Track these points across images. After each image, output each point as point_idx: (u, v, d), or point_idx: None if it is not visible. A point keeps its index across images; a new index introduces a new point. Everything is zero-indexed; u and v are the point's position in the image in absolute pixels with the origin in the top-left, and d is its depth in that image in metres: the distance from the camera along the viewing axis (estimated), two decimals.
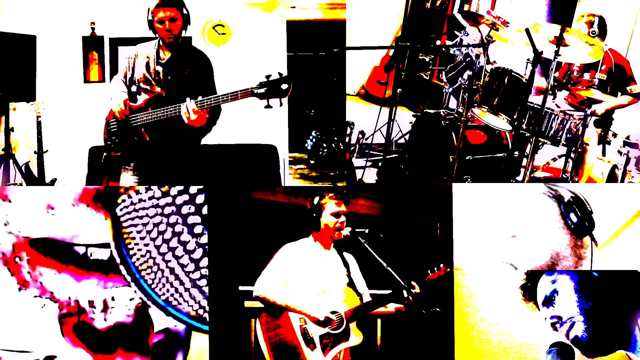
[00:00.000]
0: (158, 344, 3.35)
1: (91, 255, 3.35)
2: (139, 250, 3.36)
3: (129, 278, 3.35)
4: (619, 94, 4.38)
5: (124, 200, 3.39)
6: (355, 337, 3.18)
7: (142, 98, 3.53)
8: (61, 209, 3.36)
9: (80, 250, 3.36)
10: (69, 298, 3.33)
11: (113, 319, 3.33)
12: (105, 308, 3.34)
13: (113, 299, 3.35)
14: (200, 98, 3.33)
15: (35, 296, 3.34)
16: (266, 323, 3.18)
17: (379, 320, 3.42)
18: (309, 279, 3.20)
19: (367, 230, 3.26)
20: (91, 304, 3.34)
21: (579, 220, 2.62)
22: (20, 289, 3.35)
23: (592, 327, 2.50)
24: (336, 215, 3.25)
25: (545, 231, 2.65)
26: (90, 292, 3.34)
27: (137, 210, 3.38)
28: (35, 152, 4.74)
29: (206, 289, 3.33)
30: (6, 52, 4.55)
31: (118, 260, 3.35)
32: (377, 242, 3.25)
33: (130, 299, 3.35)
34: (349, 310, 3.16)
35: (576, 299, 2.54)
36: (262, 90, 3.31)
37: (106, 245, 3.37)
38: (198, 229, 3.34)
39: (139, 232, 3.36)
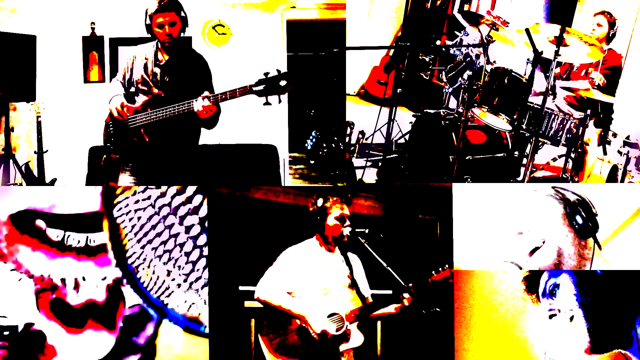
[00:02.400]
0: (130, 316, 3.37)
1: (66, 241, 3.37)
2: (135, 252, 3.37)
3: (125, 280, 3.36)
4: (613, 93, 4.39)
5: (124, 199, 3.39)
6: (356, 339, 3.17)
7: (141, 99, 3.53)
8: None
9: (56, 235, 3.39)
10: (42, 275, 3.37)
11: (85, 297, 3.36)
12: (76, 286, 3.36)
13: (84, 278, 3.37)
14: (205, 94, 3.35)
15: (11, 270, 3.36)
16: (267, 327, 3.18)
17: (378, 321, 3.42)
18: (311, 281, 3.20)
19: (367, 230, 3.26)
20: (63, 282, 3.36)
21: (584, 222, 2.63)
22: None
23: (591, 323, 2.50)
24: (341, 219, 3.25)
25: (550, 231, 2.66)
26: (64, 270, 3.37)
27: (134, 210, 3.39)
28: (35, 152, 4.74)
29: (202, 291, 3.34)
30: (6, 52, 4.55)
31: (114, 262, 3.37)
32: (377, 242, 3.25)
33: (103, 278, 3.37)
34: (350, 312, 3.15)
35: (576, 295, 2.54)
36: (260, 88, 3.31)
37: (87, 217, 3.38)
38: (196, 230, 3.35)
39: (135, 233, 3.37)
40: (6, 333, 3.34)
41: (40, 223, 3.37)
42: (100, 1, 4.91)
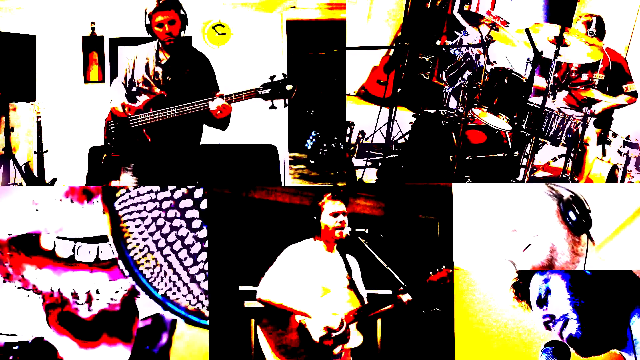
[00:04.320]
0: (144, 328, 3.37)
1: (77, 254, 3.37)
2: (137, 244, 3.36)
3: (127, 272, 3.36)
4: (616, 93, 4.39)
5: (122, 195, 3.39)
6: (356, 339, 3.17)
7: (142, 99, 3.53)
8: (46, 204, 3.38)
9: (66, 251, 3.37)
10: (51, 290, 3.36)
11: (98, 309, 3.36)
12: (89, 300, 3.36)
13: (98, 291, 3.36)
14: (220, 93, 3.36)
15: (18, 287, 3.36)
16: (268, 326, 3.18)
17: (379, 321, 3.42)
18: (311, 281, 3.20)
19: (367, 230, 3.26)
20: (74, 295, 3.35)
21: (578, 218, 2.64)
22: (4, 281, 3.36)
23: (585, 325, 2.50)
24: (335, 215, 3.24)
25: (545, 227, 2.66)
26: (74, 284, 3.36)
27: (135, 204, 3.39)
28: (35, 152, 4.74)
29: (204, 284, 3.34)
30: (6, 52, 4.55)
31: (116, 254, 3.36)
32: (377, 242, 3.25)
33: (116, 292, 3.36)
34: (349, 313, 3.15)
35: (569, 297, 2.54)
36: (266, 91, 3.32)
37: (94, 240, 3.38)
38: (196, 224, 3.34)
39: (137, 226, 3.37)
40: (15, 348, 3.32)
41: (46, 244, 3.37)
42: (100, 1, 4.91)
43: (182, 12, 3.50)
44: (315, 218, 3.25)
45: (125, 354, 3.35)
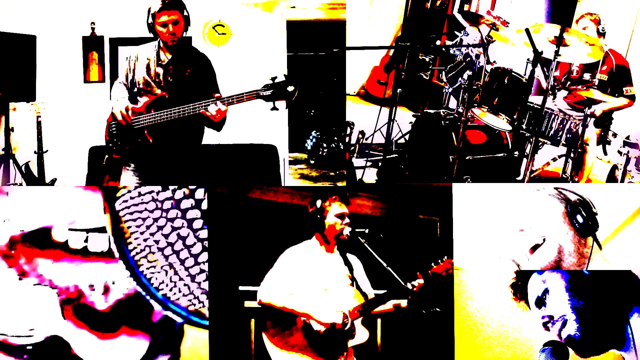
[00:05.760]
0: (162, 317, 3.37)
1: (89, 245, 3.36)
2: (138, 244, 3.36)
3: (127, 273, 3.36)
4: (617, 94, 4.38)
5: (123, 195, 3.39)
6: (362, 335, 3.18)
7: (143, 100, 3.52)
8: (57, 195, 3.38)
9: (78, 242, 3.36)
10: (68, 283, 3.35)
11: (114, 299, 3.35)
12: (106, 291, 3.35)
13: (114, 282, 3.36)
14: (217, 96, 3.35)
15: (34, 284, 3.35)
16: (274, 328, 3.18)
17: (379, 320, 3.43)
18: (313, 282, 3.21)
19: (367, 231, 3.27)
20: (91, 287, 3.34)
21: (585, 221, 2.64)
22: (20, 279, 3.36)
23: (584, 325, 2.51)
24: (340, 216, 3.26)
25: (551, 229, 2.66)
26: (90, 276, 3.35)
27: (136, 204, 3.38)
28: (35, 152, 4.74)
29: (204, 284, 3.34)
30: (6, 52, 4.55)
31: (117, 255, 3.36)
32: (377, 242, 3.26)
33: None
34: (353, 309, 3.16)
35: (567, 298, 2.55)
36: (268, 93, 3.31)
37: (104, 230, 3.37)
38: (197, 224, 3.34)
39: (138, 226, 3.36)
40: (29, 348, 3.31)
41: (58, 237, 3.36)
42: (100, 1, 4.91)
43: (185, 13, 3.49)
44: (319, 216, 3.27)
45: (144, 345, 3.34)
